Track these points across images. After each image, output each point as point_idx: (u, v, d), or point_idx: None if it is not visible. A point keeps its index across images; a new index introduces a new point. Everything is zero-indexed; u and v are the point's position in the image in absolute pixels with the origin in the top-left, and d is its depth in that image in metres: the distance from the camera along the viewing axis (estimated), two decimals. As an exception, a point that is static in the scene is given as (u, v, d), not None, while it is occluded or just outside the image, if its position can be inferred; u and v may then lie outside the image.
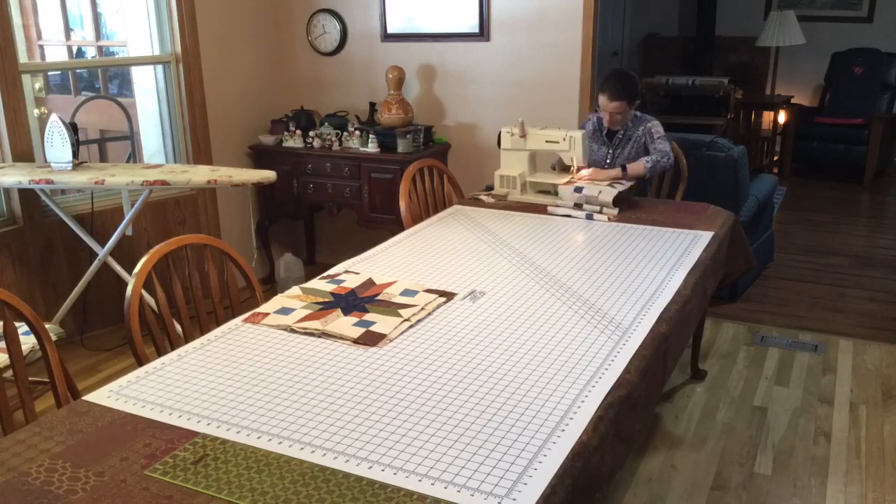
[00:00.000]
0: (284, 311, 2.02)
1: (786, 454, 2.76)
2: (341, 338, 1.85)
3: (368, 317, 1.96)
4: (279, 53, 4.81)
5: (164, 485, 1.31)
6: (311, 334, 1.89)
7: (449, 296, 2.14)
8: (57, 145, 3.33)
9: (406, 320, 1.95)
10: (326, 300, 2.09)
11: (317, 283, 2.22)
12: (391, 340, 1.86)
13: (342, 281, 2.22)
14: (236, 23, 4.46)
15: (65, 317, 3.65)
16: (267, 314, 2.01)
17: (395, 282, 2.21)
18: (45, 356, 1.83)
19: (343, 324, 1.93)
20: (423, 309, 2.02)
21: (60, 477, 1.33)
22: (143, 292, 2.03)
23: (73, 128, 3.34)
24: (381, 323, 1.92)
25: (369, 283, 2.21)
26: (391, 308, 2.01)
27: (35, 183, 3.21)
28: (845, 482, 2.59)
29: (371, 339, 1.85)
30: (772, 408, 3.08)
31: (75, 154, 3.36)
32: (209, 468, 1.36)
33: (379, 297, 2.09)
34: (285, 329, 1.93)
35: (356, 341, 1.84)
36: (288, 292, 2.15)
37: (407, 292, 2.12)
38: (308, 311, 2.01)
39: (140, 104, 4.32)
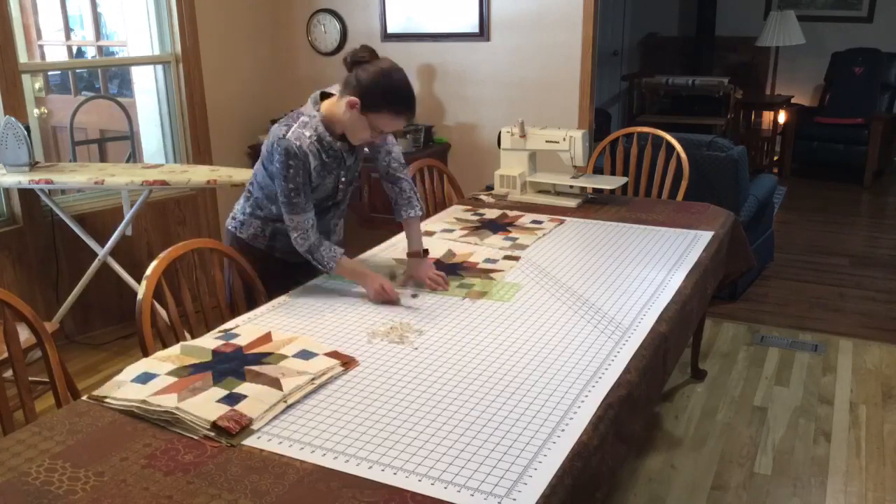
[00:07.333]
0: (144, 377, 1.64)
1: (786, 454, 2.76)
2: (194, 421, 1.48)
3: (242, 388, 1.59)
4: (279, 53, 4.82)
5: (165, 485, 1.31)
6: (161, 418, 1.50)
7: (351, 362, 1.75)
8: (12, 147, 3.26)
9: (282, 400, 1.57)
10: (202, 360, 1.73)
11: (203, 340, 1.86)
12: (255, 431, 1.48)
13: (235, 336, 1.86)
14: (236, 23, 4.47)
15: (65, 317, 3.65)
16: (122, 382, 1.63)
17: (295, 338, 1.84)
18: (45, 356, 1.83)
19: (205, 399, 1.55)
20: (313, 380, 1.65)
21: (60, 477, 1.33)
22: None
23: (27, 129, 3.28)
24: (253, 399, 1.55)
25: (265, 338, 1.85)
26: (274, 377, 1.64)
27: (35, 183, 3.21)
28: (845, 482, 2.59)
29: (232, 420, 1.47)
30: (772, 408, 3.08)
31: (31, 154, 3.29)
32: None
33: (267, 360, 1.73)
34: (133, 408, 1.54)
35: (212, 427, 1.46)
36: (165, 352, 1.79)
37: (304, 354, 1.77)
38: (173, 379, 1.63)
39: (140, 104, 4.32)
